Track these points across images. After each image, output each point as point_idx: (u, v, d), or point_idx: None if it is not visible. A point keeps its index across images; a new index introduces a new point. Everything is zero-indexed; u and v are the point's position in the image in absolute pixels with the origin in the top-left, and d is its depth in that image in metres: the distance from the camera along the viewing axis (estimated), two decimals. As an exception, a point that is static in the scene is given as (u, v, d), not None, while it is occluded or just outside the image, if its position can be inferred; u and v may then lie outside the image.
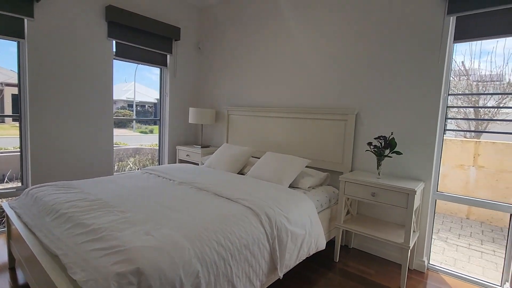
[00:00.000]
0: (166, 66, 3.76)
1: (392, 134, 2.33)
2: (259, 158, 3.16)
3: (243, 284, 1.51)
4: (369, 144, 2.32)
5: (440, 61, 2.21)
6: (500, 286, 2.12)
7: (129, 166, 4.99)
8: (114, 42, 3.16)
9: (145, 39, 3.40)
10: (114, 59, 3.18)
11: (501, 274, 2.14)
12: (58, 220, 1.58)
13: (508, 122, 3.87)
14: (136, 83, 5.65)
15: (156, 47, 3.53)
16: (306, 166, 2.71)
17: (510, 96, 3.90)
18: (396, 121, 2.44)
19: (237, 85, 3.64)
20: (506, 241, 2.12)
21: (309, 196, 2.32)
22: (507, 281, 2.04)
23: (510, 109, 3.99)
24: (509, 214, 2.08)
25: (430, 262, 2.43)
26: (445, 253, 3.04)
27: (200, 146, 3.71)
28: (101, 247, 1.27)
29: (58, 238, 1.43)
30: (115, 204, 1.75)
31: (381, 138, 2.28)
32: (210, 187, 2.18)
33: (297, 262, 1.92)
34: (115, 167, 4.59)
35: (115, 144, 3.44)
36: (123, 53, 3.28)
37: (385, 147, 2.26)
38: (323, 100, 2.86)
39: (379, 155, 2.28)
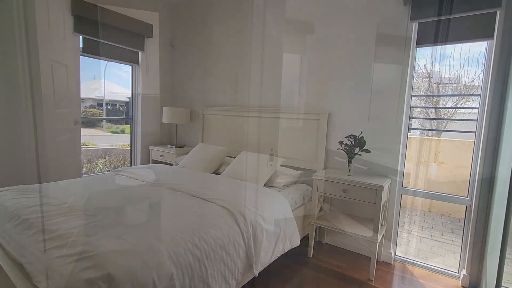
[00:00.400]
0: (138, 63, 3.64)
1: (361, 133, 2.44)
2: (234, 157, 3.17)
3: (219, 284, 1.52)
4: (341, 142, 2.41)
5: (405, 64, 2.35)
6: (458, 272, 2.31)
7: (98, 167, 4.77)
8: (81, 37, 3.01)
9: (115, 35, 3.26)
10: (81, 55, 3.03)
11: (458, 262, 2.33)
12: (20, 227, 1.49)
13: (464, 122, 4.21)
14: (106, 80, 5.40)
15: (127, 44, 3.41)
16: (281, 165, 2.77)
17: (466, 97, 4.24)
18: (365, 120, 2.56)
19: (212, 84, 3.61)
20: (462, 232, 2.31)
21: (284, 194, 2.37)
22: (464, 268, 2.23)
23: (466, 109, 4.34)
24: (465, 206, 2.27)
25: (396, 254, 2.58)
26: (410, 244, 3.24)
27: (174, 146, 3.64)
28: (68, 253, 1.21)
29: (21, 245, 1.35)
30: (83, 208, 1.67)
31: (352, 137, 2.38)
32: (184, 187, 2.16)
33: (272, 260, 1.96)
34: (83, 169, 4.37)
35: (83, 145, 3.28)
36: (91, 50, 3.13)
37: (355, 145, 2.36)
38: (297, 100, 2.92)
39: (350, 153, 2.38)
